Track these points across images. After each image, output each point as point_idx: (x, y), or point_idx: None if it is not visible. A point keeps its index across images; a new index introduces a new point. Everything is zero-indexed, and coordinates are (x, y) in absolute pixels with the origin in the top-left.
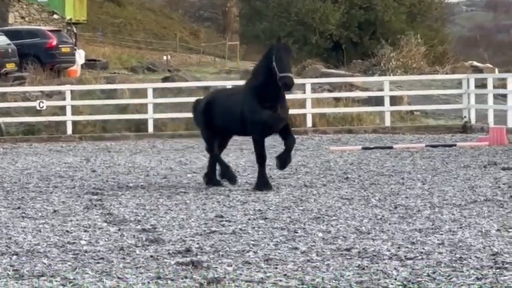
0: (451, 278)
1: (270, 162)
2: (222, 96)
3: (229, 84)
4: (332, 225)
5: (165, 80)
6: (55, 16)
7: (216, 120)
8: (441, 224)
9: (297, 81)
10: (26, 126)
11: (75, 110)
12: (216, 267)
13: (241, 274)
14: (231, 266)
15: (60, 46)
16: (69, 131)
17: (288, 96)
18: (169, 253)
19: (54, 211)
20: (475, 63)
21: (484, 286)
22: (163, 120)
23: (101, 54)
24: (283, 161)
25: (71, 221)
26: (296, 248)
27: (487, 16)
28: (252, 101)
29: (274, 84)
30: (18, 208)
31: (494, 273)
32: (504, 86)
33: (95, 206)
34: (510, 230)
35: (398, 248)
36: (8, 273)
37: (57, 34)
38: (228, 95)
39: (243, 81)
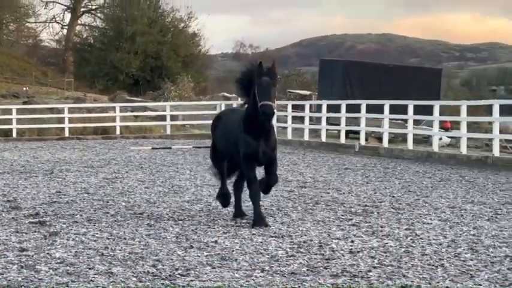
0: (207, 232)
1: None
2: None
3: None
4: (131, 198)
5: (24, 103)
6: None
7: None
8: (201, 197)
9: (110, 104)
10: None
11: None
12: (55, 225)
13: (71, 229)
14: (65, 224)
15: None
16: None
17: (104, 114)
18: (24, 216)
19: None
20: (226, 94)
21: (227, 235)
22: (23, 129)
23: None
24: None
25: None
26: (108, 212)
27: (234, 63)
28: (242, 130)
29: (258, 113)
30: None
31: (237, 227)
32: None
33: None
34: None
35: (174, 212)
36: None
37: None
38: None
39: (77, 104)
